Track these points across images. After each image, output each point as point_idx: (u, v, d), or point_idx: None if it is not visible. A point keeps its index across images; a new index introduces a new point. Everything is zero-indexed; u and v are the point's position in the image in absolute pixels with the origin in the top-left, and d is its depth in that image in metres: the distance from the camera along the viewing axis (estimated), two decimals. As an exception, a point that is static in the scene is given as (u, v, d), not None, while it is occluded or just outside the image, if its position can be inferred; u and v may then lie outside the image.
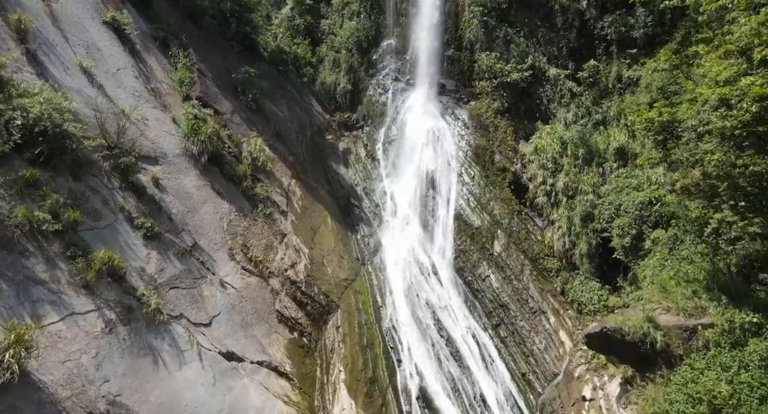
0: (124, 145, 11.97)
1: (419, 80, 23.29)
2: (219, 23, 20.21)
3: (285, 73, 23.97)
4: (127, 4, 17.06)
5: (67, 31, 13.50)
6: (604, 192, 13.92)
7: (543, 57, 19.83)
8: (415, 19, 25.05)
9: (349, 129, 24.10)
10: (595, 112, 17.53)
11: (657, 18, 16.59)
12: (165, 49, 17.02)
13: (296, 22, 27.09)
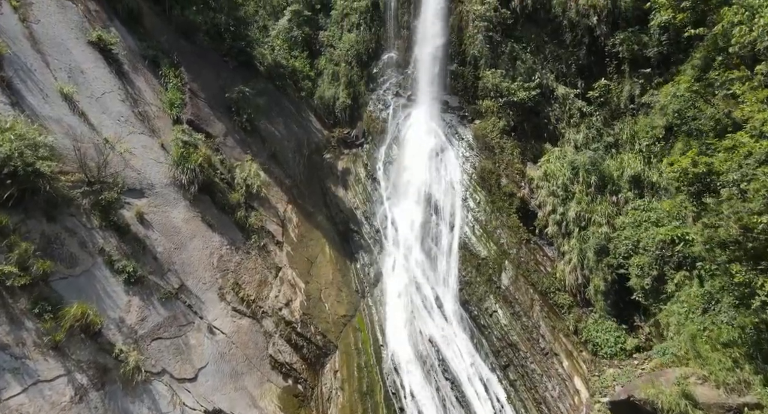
0: (107, 179, 11.13)
1: (421, 96, 22.48)
2: (213, 39, 19.39)
3: (282, 88, 23.17)
4: (115, 21, 16.26)
5: (48, 55, 12.68)
6: (620, 224, 13.10)
7: (551, 74, 19.02)
8: (416, 32, 24.26)
9: (348, 146, 23.28)
10: (607, 134, 16.71)
11: (672, 37, 15.77)
12: (155, 69, 16.21)
13: (294, 33, 26.34)
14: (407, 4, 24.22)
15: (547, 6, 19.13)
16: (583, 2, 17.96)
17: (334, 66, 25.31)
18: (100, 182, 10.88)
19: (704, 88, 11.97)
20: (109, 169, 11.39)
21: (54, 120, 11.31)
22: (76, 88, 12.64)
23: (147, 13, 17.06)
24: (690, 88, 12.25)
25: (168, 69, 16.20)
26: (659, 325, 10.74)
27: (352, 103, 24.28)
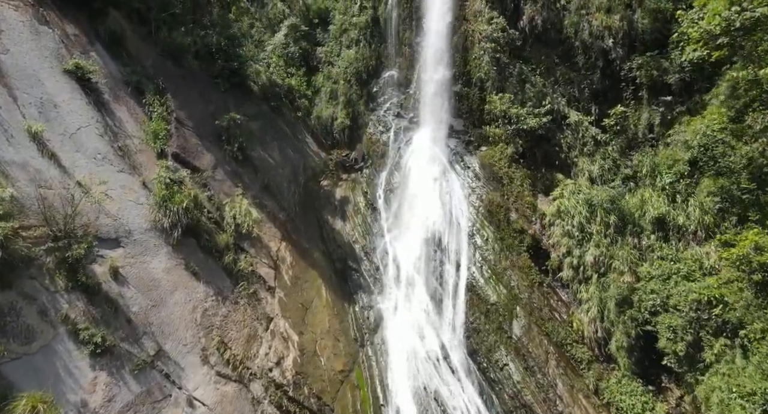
0: (76, 232, 9.97)
1: (424, 118, 21.35)
2: (203, 59, 18.27)
3: (277, 109, 22.05)
4: (96, 45, 15.14)
5: (17, 89, 11.55)
6: (645, 274, 11.94)
7: (562, 98, 17.90)
8: (419, 50, 23.15)
9: (347, 170, 22.13)
10: (624, 165, 15.59)
11: (696, 63, 14.69)
12: (139, 96, 15.06)
13: (290, 49, 25.25)
14: (409, 20, 23.15)
15: (558, 26, 18.06)
16: (598, 23, 16.89)
17: (332, 84, 24.22)
18: (68, 236, 9.72)
19: (741, 130, 10.82)
20: (81, 219, 10.24)
21: (18, 165, 10.17)
22: (47, 125, 11.49)
23: (131, 36, 15.95)
24: (721, 128, 11.07)
25: (153, 96, 15.07)
26: (696, 398, 9.58)
27: (351, 124, 23.17)
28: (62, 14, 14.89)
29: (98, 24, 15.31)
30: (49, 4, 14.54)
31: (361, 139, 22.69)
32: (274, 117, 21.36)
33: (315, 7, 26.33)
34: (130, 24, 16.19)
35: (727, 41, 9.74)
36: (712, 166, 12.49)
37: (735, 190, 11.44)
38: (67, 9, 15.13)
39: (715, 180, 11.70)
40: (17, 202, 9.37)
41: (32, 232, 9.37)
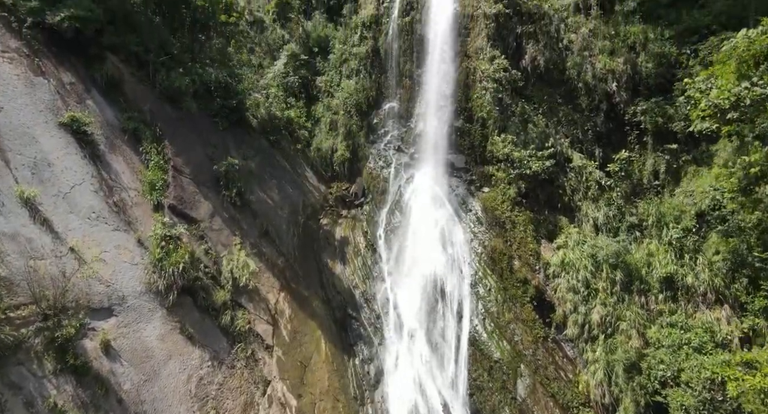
0: (67, 306, 9.67)
1: (425, 155, 21.09)
2: (202, 98, 18.06)
3: (277, 142, 21.78)
4: (93, 92, 14.93)
5: (9, 150, 11.31)
6: (654, 340, 11.60)
7: (566, 139, 17.65)
8: (420, 83, 22.91)
9: (347, 206, 21.82)
10: (629, 213, 15.29)
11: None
12: (136, 144, 14.83)
13: (290, 79, 25.01)
14: (410, 52, 22.97)
15: (560, 66, 17.84)
16: (601, 66, 16.68)
17: (332, 114, 23.99)
18: (58, 313, 9.41)
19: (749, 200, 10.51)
20: (72, 292, 9.93)
21: (8, 236, 9.88)
22: (41, 188, 11.24)
23: (128, 80, 15.73)
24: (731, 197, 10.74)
25: (150, 144, 14.82)
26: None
27: (351, 157, 22.88)
28: (58, 62, 14.69)
29: (95, 70, 15.12)
30: (45, 53, 14.37)
31: (361, 173, 22.42)
32: (273, 152, 21.13)
33: (315, 35, 26.20)
34: (128, 67, 15.98)
35: (737, 116, 9.49)
36: (720, 222, 12.19)
37: (746, 254, 11.14)
38: (64, 56, 14.95)
39: (725, 242, 11.40)
40: (6, 280, 9.08)
41: (21, 311, 9.06)
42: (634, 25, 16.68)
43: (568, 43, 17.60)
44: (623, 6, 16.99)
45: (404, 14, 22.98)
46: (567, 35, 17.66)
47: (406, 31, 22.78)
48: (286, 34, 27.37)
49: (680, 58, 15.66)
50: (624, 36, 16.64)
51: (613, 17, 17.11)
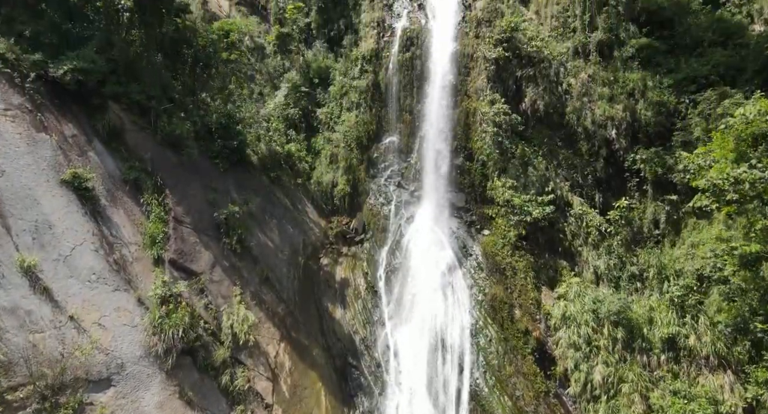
0: (66, 382, 9.63)
1: (426, 192, 21.12)
2: (203, 139, 18.14)
3: (277, 179, 21.81)
4: (94, 142, 14.99)
5: (11, 216, 11.33)
6: (657, 407, 11.55)
7: (566, 182, 17.68)
8: (420, 118, 23.00)
9: (347, 243, 21.78)
10: (630, 262, 15.28)
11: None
12: (137, 194, 14.85)
13: (290, 111, 25.05)
14: (410, 87, 23.09)
15: (560, 110, 17.94)
16: (600, 112, 16.77)
17: (332, 147, 23.99)
18: (56, 392, 9.37)
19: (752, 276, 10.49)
20: (71, 367, 9.89)
21: (8, 311, 9.87)
22: (42, 254, 11.25)
23: (130, 129, 15.79)
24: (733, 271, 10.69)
25: (150, 195, 14.84)
26: None
27: (351, 191, 22.85)
28: (60, 114, 14.77)
29: (97, 120, 15.19)
30: (48, 107, 14.45)
31: (362, 207, 22.43)
32: (273, 189, 21.17)
33: (315, 66, 26.29)
34: (130, 115, 16.05)
35: (737, 198, 9.52)
36: (721, 283, 12.17)
37: (748, 318, 11.12)
38: (66, 107, 15.04)
39: (726, 307, 11.37)
40: (4, 360, 9.05)
41: (18, 393, 9.04)
42: (633, 72, 16.80)
43: (568, 87, 17.72)
44: (621, 52, 17.13)
45: (404, 50, 23.16)
46: (566, 79, 17.78)
47: (406, 67, 22.94)
48: (287, 62, 27.49)
49: (679, 107, 15.75)
50: (623, 83, 16.75)
51: (612, 63, 17.23)
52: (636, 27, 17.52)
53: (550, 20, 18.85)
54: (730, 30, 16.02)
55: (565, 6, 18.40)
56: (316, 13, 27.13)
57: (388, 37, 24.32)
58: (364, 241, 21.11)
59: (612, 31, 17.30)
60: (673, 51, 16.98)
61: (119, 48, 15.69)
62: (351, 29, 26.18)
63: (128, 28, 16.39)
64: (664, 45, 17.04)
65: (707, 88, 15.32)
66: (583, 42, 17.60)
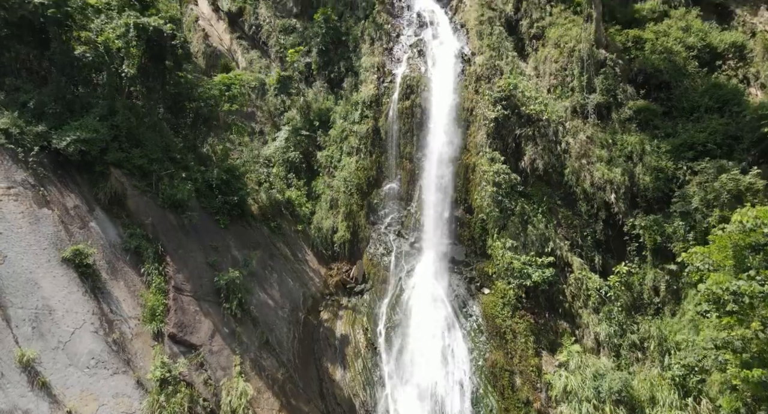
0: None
1: (425, 244, 21.10)
2: (204, 196, 18.25)
3: (278, 227, 21.85)
4: (96, 211, 15.07)
5: (11, 306, 11.34)
6: None
7: (566, 242, 17.73)
8: (420, 167, 23.09)
9: (347, 292, 21.70)
10: (630, 330, 15.26)
11: (700, 236, 14.55)
12: (138, 264, 14.86)
13: (291, 154, 25.22)
14: (410, 135, 23.22)
15: (559, 170, 18.06)
16: (599, 175, 16.87)
17: (333, 192, 24.08)
18: None
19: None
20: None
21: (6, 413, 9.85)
22: (41, 343, 11.24)
23: (131, 194, 15.87)
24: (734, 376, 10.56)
25: (151, 264, 14.85)
26: None
27: (351, 238, 22.81)
28: (63, 185, 14.88)
29: (99, 189, 15.29)
30: (50, 178, 14.56)
31: (362, 254, 22.42)
32: (274, 239, 21.22)
33: (315, 107, 26.46)
34: (131, 180, 16.13)
35: (737, 309, 9.55)
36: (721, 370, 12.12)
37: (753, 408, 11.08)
38: (69, 176, 15.15)
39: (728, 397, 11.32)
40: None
41: None
42: (631, 134, 16.94)
43: (566, 146, 17.84)
44: (619, 114, 17.30)
45: (404, 97, 23.35)
46: (565, 138, 17.91)
47: (406, 115, 23.11)
48: (288, 100, 27.64)
49: (677, 173, 15.85)
50: (621, 145, 16.89)
51: (610, 124, 17.40)
52: (633, 88, 17.75)
53: (548, 77, 19.06)
54: (726, 97, 16.20)
55: (563, 65, 18.62)
56: (316, 54, 27.34)
57: (388, 82, 24.56)
58: (364, 291, 21.06)
59: (609, 93, 17.49)
60: (671, 113, 17.16)
61: (122, 114, 15.84)
62: (351, 71, 26.37)
63: (131, 93, 16.56)
64: (662, 107, 17.23)
65: (705, 155, 15.46)
66: (581, 103, 17.78)
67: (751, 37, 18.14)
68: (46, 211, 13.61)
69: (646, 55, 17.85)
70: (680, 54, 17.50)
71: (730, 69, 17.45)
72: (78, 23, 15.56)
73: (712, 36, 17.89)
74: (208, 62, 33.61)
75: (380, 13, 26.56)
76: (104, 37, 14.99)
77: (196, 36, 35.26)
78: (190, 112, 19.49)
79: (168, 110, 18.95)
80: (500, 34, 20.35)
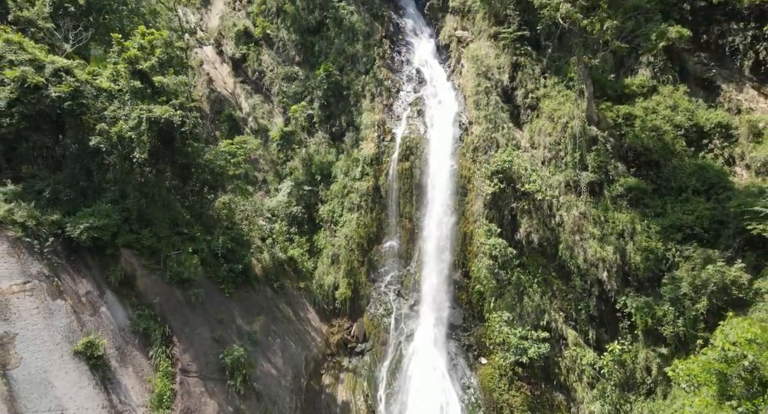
0: None
1: (424, 307, 21.60)
2: (209, 265, 18.81)
3: (281, 287, 22.40)
4: (106, 294, 15.63)
5: (25, 411, 11.81)
6: None
7: (560, 313, 18.27)
8: (419, 227, 23.68)
9: (349, 352, 22.15)
10: (624, 411, 15.72)
11: (689, 323, 15.09)
12: (146, 347, 15.37)
13: (293, 209, 25.86)
14: (409, 195, 23.88)
15: (553, 243, 18.66)
16: (592, 252, 17.45)
17: (334, 248, 24.61)
18: None
19: None
20: None
21: None
22: (55, 447, 11.72)
23: (140, 274, 16.44)
24: None
25: (159, 347, 15.36)
26: None
27: (352, 295, 23.36)
28: (76, 271, 15.45)
29: (110, 271, 15.90)
30: (64, 266, 15.14)
31: (362, 311, 22.92)
32: (277, 301, 21.74)
33: (317, 160, 27.13)
34: (140, 259, 16.71)
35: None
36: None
37: None
38: (81, 261, 15.73)
39: None
40: None
41: None
42: (623, 212, 17.55)
43: (561, 220, 18.43)
44: (611, 191, 17.94)
45: (404, 158, 24.07)
46: (559, 212, 18.50)
47: (405, 175, 23.81)
48: (290, 152, 28.23)
49: (667, 254, 16.43)
50: (613, 223, 17.49)
51: (602, 201, 18.01)
52: (624, 165, 18.44)
53: (543, 150, 19.77)
54: (712, 180, 16.86)
55: (557, 139, 19.33)
56: (318, 108, 28.05)
57: (388, 141, 25.29)
58: (364, 352, 21.54)
59: (601, 169, 18.15)
60: (660, 190, 17.79)
61: (132, 197, 16.49)
62: (352, 126, 27.04)
63: (141, 173, 17.21)
64: (652, 184, 17.87)
65: (693, 238, 16.07)
66: (574, 179, 18.44)
67: (737, 113, 18.91)
68: (59, 302, 14.16)
69: (636, 132, 18.59)
70: (668, 133, 18.23)
71: (717, 148, 18.15)
72: (92, 111, 16.28)
73: (699, 115, 18.64)
74: (213, 107, 34.51)
75: (381, 68, 27.38)
76: (117, 128, 15.68)
77: (201, 80, 36.19)
78: (197, 181, 20.14)
79: (175, 176, 19.55)
80: (496, 105, 21.13)
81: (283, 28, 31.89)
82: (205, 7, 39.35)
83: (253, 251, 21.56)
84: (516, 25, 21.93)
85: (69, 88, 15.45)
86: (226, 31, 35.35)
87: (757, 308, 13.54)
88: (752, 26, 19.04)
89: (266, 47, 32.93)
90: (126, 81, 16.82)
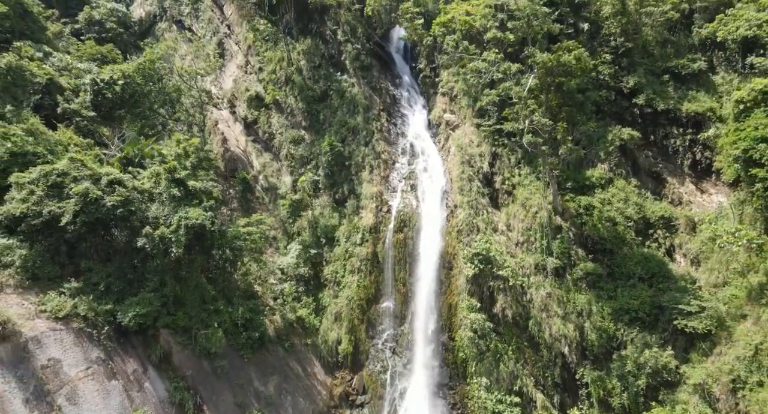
0: None
1: (416, 365, 24.62)
2: (230, 334, 21.92)
3: (291, 346, 25.46)
4: (149, 371, 18.74)
5: (96, 481, 14.86)
6: None
7: (531, 379, 21.37)
8: (412, 291, 26.84)
9: (350, 405, 25.09)
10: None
11: (632, 397, 18.23)
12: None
13: (301, 270, 29.02)
14: (403, 262, 27.09)
15: (524, 318, 21.87)
16: (556, 329, 20.67)
17: (337, 307, 27.66)
18: None
19: None
20: None
21: None
22: None
23: (176, 350, 19.58)
24: None
25: (192, 416, 18.46)
26: None
27: (353, 351, 26.41)
28: (124, 352, 18.58)
29: (151, 350, 19.03)
30: (116, 349, 18.25)
31: (362, 365, 25.91)
32: (287, 359, 24.80)
33: (322, 223, 30.30)
34: (175, 337, 19.87)
35: None
36: None
37: None
38: (128, 343, 18.85)
39: None
40: None
41: None
42: (582, 293, 20.81)
43: (531, 297, 21.67)
44: (572, 274, 21.24)
45: (398, 230, 27.37)
46: (530, 290, 21.76)
47: (400, 245, 27.05)
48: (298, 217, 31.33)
49: (617, 333, 19.65)
50: (574, 303, 20.74)
51: (565, 282, 21.30)
52: (584, 251, 21.78)
53: (517, 233, 23.12)
54: (654, 269, 20.17)
55: (528, 225, 22.71)
56: (324, 176, 31.35)
57: (385, 212, 28.63)
58: (364, 405, 24.53)
59: (564, 255, 21.47)
60: (613, 275, 21.10)
61: (170, 285, 19.73)
62: (353, 194, 30.31)
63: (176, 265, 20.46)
64: (606, 269, 21.19)
65: (637, 321, 19.32)
66: (542, 262, 21.74)
67: (678, 205, 22.34)
68: (114, 382, 17.24)
69: (594, 222, 21.93)
70: (620, 224, 21.61)
71: (660, 238, 21.50)
72: (137, 214, 19.60)
73: (646, 207, 22.04)
74: (227, 166, 37.89)
75: (379, 141, 30.81)
76: (160, 231, 19.00)
77: (216, 139, 39.71)
78: (220, 258, 23.40)
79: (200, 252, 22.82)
80: (478, 190, 24.56)
81: (291, 96, 35.54)
82: (219, 68, 43.13)
83: (266, 313, 24.70)
84: (495, 118, 25.52)
85: (120, 198, 18.82)
86: (239, 94, 39.12)
87: (681, 390, 16.74)
88: (690, 132, 22.64)
89: (276, 111, 36.55)
90: (166, 186, 20.24)
